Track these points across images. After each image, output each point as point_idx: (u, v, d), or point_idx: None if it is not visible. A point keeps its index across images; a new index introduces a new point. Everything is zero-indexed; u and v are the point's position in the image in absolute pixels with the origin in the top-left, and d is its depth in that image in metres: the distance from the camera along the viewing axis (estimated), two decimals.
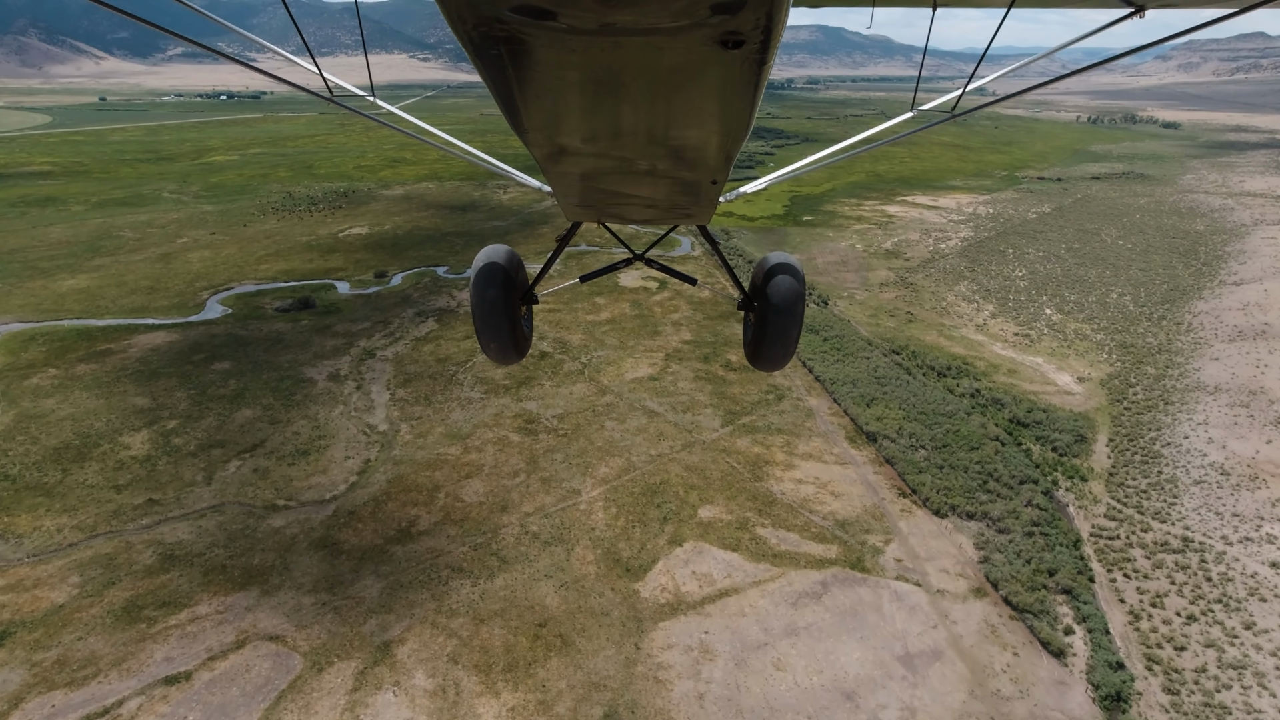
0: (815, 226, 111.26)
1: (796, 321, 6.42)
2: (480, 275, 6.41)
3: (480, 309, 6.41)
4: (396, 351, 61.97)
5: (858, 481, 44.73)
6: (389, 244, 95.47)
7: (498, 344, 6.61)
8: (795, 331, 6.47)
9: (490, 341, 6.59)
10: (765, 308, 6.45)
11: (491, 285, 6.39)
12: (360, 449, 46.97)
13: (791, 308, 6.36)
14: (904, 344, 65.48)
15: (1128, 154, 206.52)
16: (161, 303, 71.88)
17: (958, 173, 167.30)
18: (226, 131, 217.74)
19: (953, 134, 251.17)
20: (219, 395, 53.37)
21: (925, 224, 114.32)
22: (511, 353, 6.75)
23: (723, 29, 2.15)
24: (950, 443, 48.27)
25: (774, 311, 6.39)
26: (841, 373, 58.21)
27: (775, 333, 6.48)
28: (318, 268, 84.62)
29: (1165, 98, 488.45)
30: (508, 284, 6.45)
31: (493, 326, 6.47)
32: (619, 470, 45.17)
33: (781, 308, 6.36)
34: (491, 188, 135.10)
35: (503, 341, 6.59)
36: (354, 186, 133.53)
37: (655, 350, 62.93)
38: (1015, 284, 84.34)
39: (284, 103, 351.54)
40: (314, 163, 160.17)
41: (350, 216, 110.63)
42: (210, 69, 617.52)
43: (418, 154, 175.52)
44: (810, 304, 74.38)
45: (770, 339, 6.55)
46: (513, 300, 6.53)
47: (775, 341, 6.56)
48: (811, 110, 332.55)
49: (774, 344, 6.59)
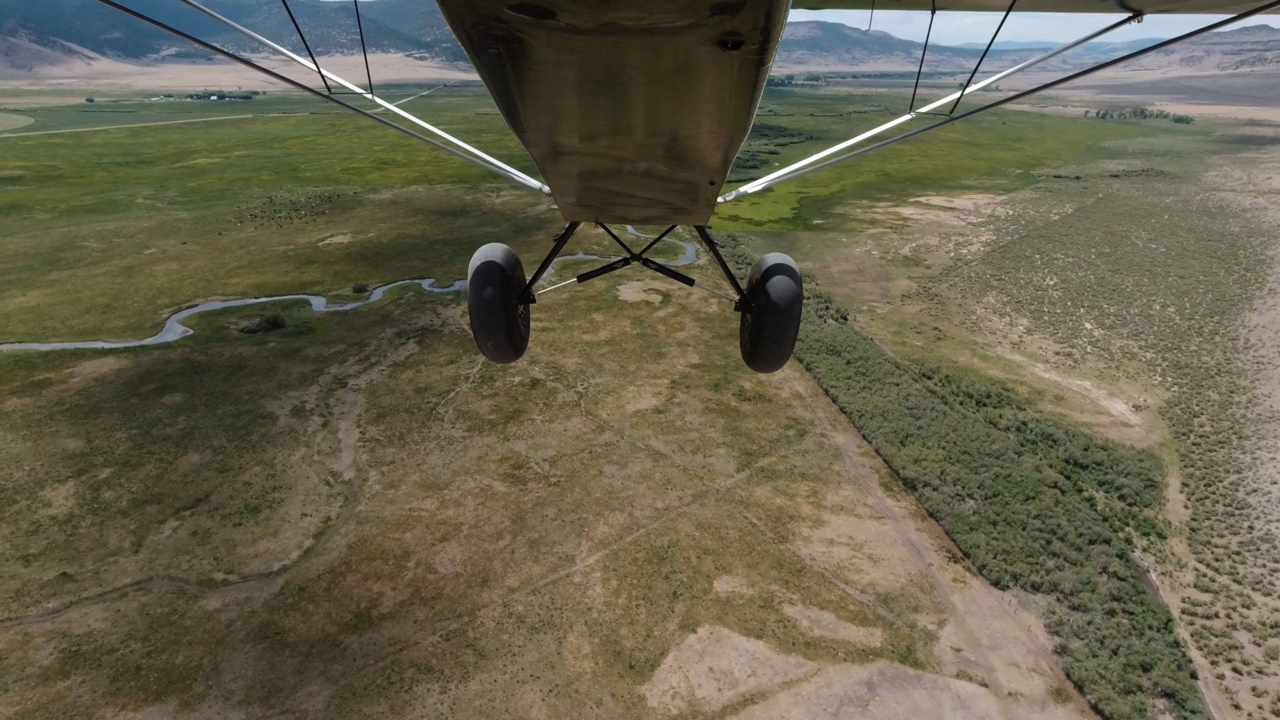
0: (827, 231, 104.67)
1: (794, 322, 6.36)
2: (477, 274, 6.27)
3: (477, 307, 6.29)
4: (371, 380, 55.49)
5: (899, 541, 38.27)
6: (371, 254, 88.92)
7: (494, 342, 6.51)
8: (792, 332, 6.42)
9: (487, 340, 6.51)
10: (762, 308, 6.40)
11: (489, 284, 6.26)
12: (320, 503, 40.51)
13: (789, 309, 6.28)
14: (935, 366, 58.99)
15: (1143, 150, 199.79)
16: (116, 323, 65.38)
17: (970, 171, 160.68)
18: (212, 133, 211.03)
19: (960, 130, 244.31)
20: (165, 435, 46.91)
21: (943, 227, 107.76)
22: (508, 351, 6.67)
23: (722, 29, 2.13)
24: (1001, 491, 41.81)
25: (771, 312, 6.32)
26: (870, 403, 51.73)
27: (772, 333, 6.42)
28: (292, 281, 78.10)
29: (1172, 92, 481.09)
30: (505, 283, 6.32)
31: (490, 325, 6.37)
32: (620, 529, 38.71)
33: (778, 308, 6.27)
34: (484, 191, 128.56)
35: (499, 340, 6.49)
36: (339, 190, 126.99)
37: (660, 376, 56.46)
38: (1048, 294, 77.83)
39: (276, 103, 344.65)
40: (300, 165, 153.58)
41: (333, 223, 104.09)
42: (204, 69, 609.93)
43: (408, 155, 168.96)
44: (829, 320, 68.01)
45: (767, 340, 6.49)
46: (510, 299, 6.37)
47: (772, 342, 6.48)
48: (814, 107, 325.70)
49: (770, 345, 6.52)
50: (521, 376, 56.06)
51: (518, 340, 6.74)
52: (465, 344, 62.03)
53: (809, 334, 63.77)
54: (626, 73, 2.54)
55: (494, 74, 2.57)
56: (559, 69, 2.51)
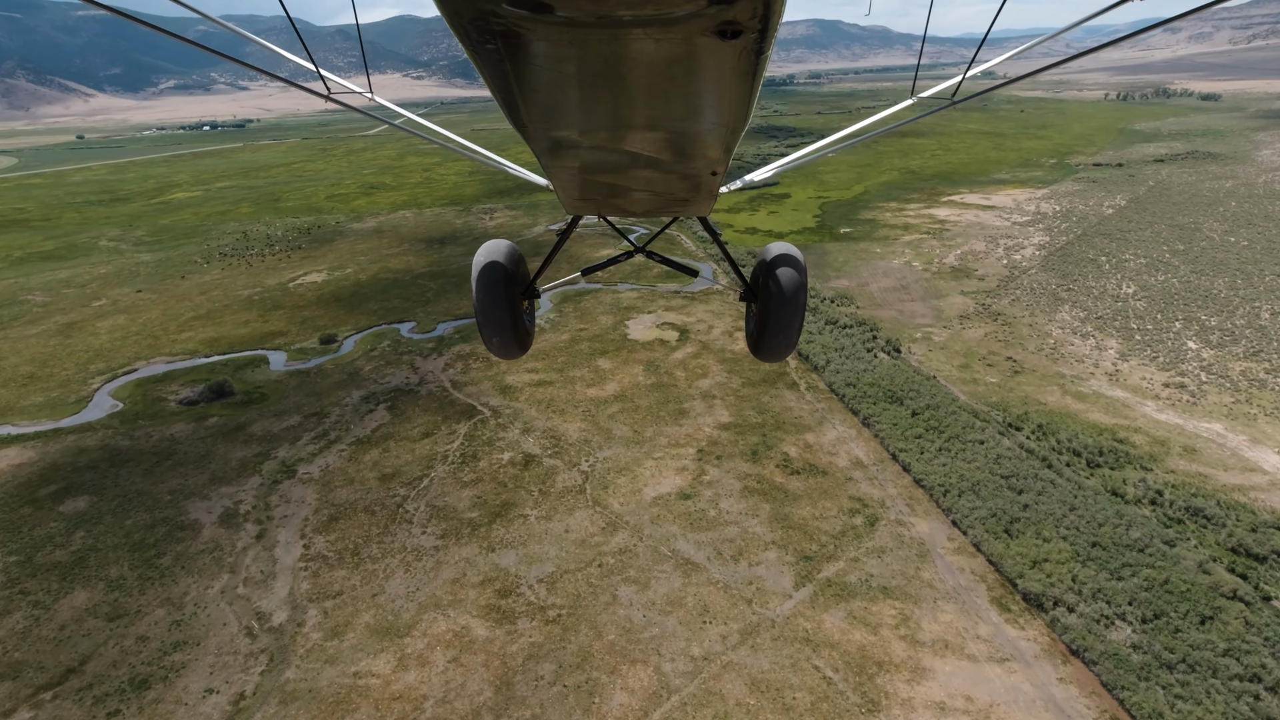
0: (858, 240, 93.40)
1: (799, 312, 6.27)
2: (482, 271, 6.18)
3: (483, 304, 6.20)
4: (326, 464, 44.94)
5: (1039, 703, 27.02)
6: (347, 294, 78.68)
7: (500, 339, 6.42)
8: (798, 323, 6.33)
9: (493, 336, 6.41)
10: (767, 299, 6.32)
11: (493, 281, 6.17)
12: (235, 669, 29.83)
13: (793, 298, 6.18)
14: (1021, 412, 47.68)
15: (1180, 130, 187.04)
16: (35, 398, 55.34)
17: (999, 163, 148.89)
18: (198, 165, 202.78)
19: (979, 120, 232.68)
20: (51, 564, 36.49)
21: (986, 229, 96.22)
22: (514, 347, 6.58)
23: (720, 19, 2.13)
24: (1164, 609, 30.46)
25: (776, 302, 6.23)
26: (952, 471, 40.52)
27: (777, 324, 6.31)
28: (252, 333, 67.92)
29: (1189, 69, 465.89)
30: (509, 279, 6.24)
31: (495, 321, 6.27)
32: (644, 697, 27.72)
33: (784, 299, 6.18)
34: (477, 214, 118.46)
35: (505, 336, 6.40)
36: (320, 221, 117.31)
37: (683, 443, 45.52)
38: (1130, 305, 66.23)
39: (269, 130, 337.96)
40: (283, 195, 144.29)
41: (308, 259, 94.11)
42: (201, 100, 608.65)
43: (398, 178, 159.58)
44: (879, 354, 56.85)
45: (772, 330, 6.37)
46: (514, 295, 6.31)
47: (778, 332, 6.37)
48: (820, 105, 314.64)
49: (776, 335, 6.40)
50: (513, 452, 45.31)
51: (523, 336, 6.60)
52: (445, 407, 51.44)
53: (859, 376, 52.64)
54: (625, 65, 2.52)
55: (493, 69, 2.56)
56: (558, 63, 2.50)
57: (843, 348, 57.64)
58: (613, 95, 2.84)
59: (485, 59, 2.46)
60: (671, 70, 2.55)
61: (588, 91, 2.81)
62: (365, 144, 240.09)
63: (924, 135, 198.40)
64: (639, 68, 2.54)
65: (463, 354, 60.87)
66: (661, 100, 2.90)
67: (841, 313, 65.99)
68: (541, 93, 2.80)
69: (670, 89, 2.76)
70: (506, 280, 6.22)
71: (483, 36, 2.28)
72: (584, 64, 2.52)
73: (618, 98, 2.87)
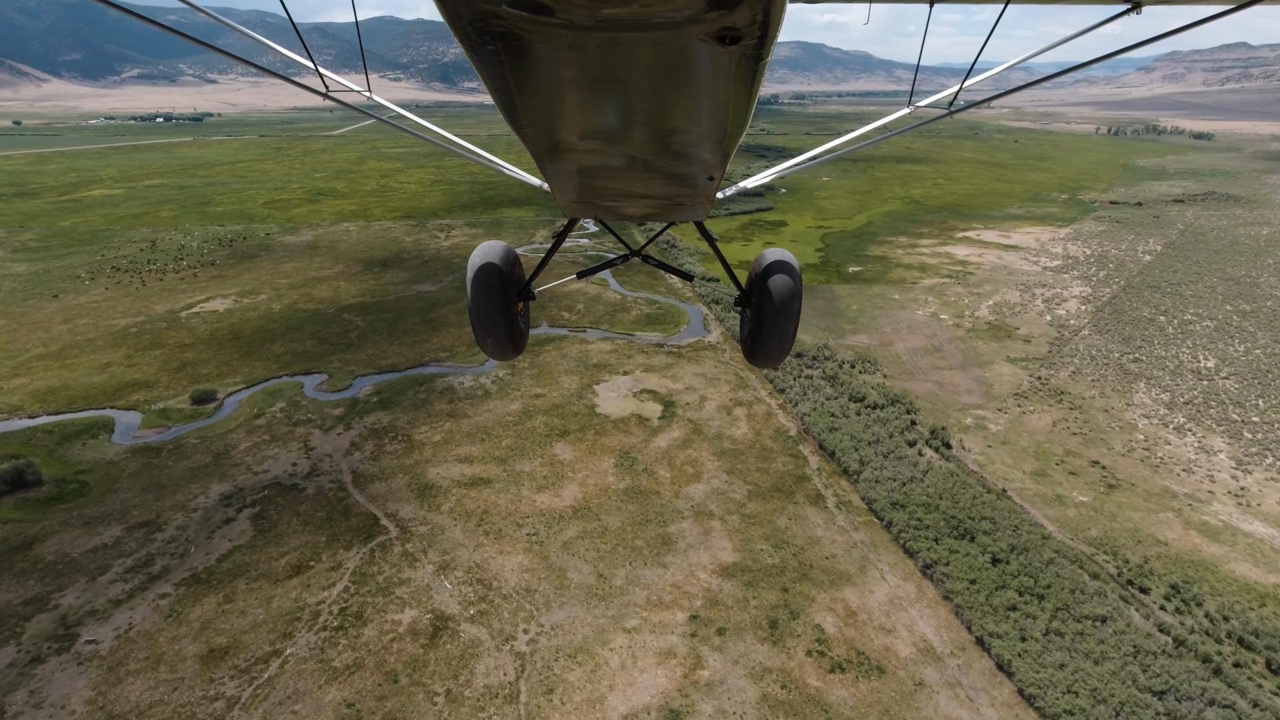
0: (870, 283, 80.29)
1: (793, 318, 6.27)
2: (477, 273, 6.09)
3: (477, 306, 6.12)
4: (129, 624, 29.70)
5: None
6: (250, 331, 63.17)
7: (494, 339, 6.32)
8: (792, 328, 6.33)
9: (487, 337, 6.32)
10: (762, 305, 6.32)
11: (488, 282, 6.09)
12: None
13: (788, 304, 6.20)
14: (1137, 557, 34.24)
15: (1186, 170, 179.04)
16: None
17: (1007, 196, 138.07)
18: (133, 159, 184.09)
19: (973, 148, 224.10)
20: None
21: (1015, 274, 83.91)
22: (509, 349, 6.47)
23: (719, 24, 2.11)
24: None
25: (771, 308, 6.23)
26: (1078, 678, 26.73)
27: (772, 329, 6.31)
28: (108, 383, 52.17)
29: (1169, 107, 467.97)
30: (504, 281, 6.14)
31: (489, 322, 6.19)
32: None
33: (778, 305, 6.19)
34: (431, 231, 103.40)
35: (499, 338, 6.30)
36: (249, 231, 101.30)
37: (668, 603, 31.15)
38: (1219, 385, 53.70)
39: (227, 125, 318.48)
40: (215, 198, 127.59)
41: (217, 279, 78.28)
42: (164, 91, 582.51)
43: (352, 184, 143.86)
44: (923, 449, 43.30)
45: (767, 335, 6.37)
46: (509, 297, 6.21)
47: (772, 338, 6.36)
48: (808, 125, 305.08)
49: (771, 340, 6.39)
50: (417, 610, 30.54)
51: (518, 337, 6.54)
52: (335, 519, 36.51)
53: (905, 489, 38.92)
54: (624, 68, 2.49)
55: (492, 70, 2.51)
56: (557, 65, 2.47)
57: (877, 439, 43.93)
58: (611, 99, 2.81)
59: (484, 60, 2.41)
60: (670, 75, 2.53)
61: (586, 94, 2.77)
62: (325, 145, 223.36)
63: (921, 162, 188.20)
64: (638, 72, 2.51)
65: (377, 428, 45.96)
66: (660, 105, 2.86)
67: (867, 385, 52.33)
68: (540, 95, 2.76)
69: (669, 93, 2.73)
70: (501, 282, 6.11)
71: (482, 38, 2.24)
72: (583, 67, 2.47)
73: (616, 101, 2.83)
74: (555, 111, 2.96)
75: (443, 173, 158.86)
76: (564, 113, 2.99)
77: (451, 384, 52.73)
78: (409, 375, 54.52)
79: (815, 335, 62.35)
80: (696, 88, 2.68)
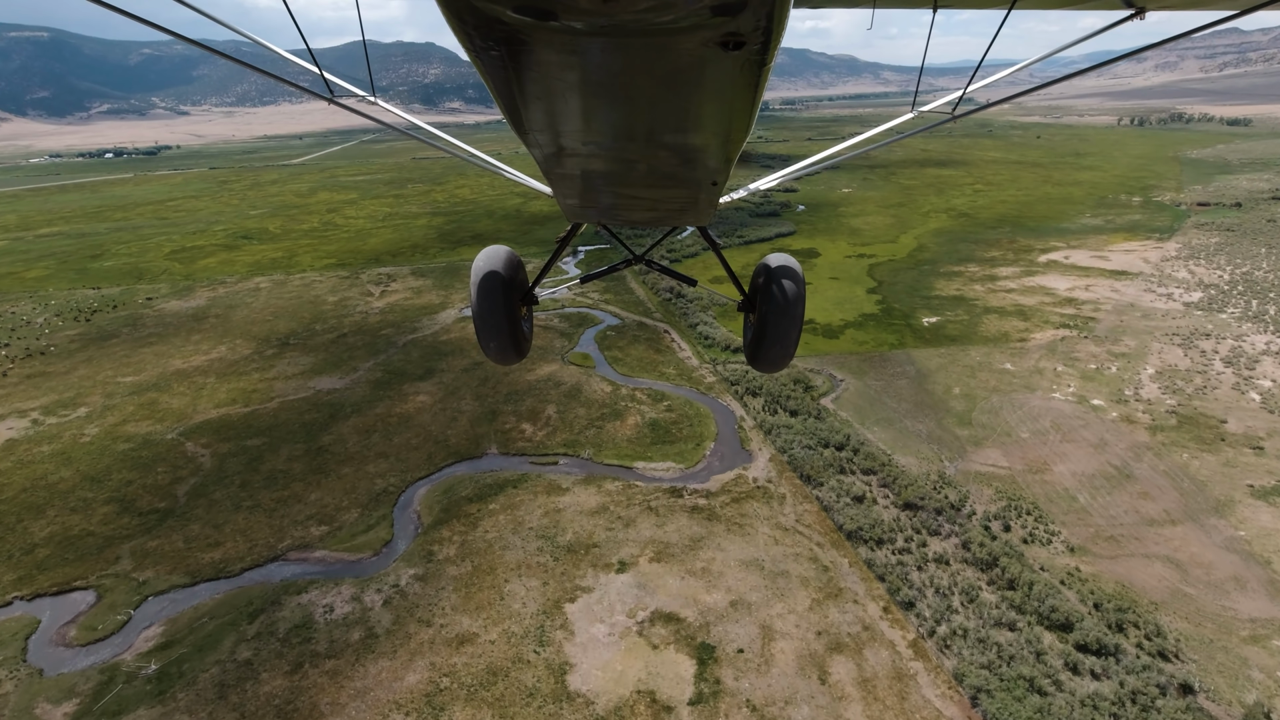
0: (960, 342, 56.97)
1: (796, 323, 6.20)
2: (481, 278, 6.02)
3: (480, 310, 6.03)
4: None
5: None
6: (14, 491, 39.67)
7: (497, 344, 6.20)
8: (795, 333, 6.24)
9: (490, 341, 6.19)
10: (765, 309, 6.27)
11: (492, 287, 6.01)
12: None
13: (791, 309, 6.14)
14: None
15: (1252, 160, 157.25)
16: None
17: (1069, 203, 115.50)
18: (48, 201, 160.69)
19: (996, 147, 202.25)
20: None
21: (1150, 316, 60.80)
22: (511, 353, 6.36)
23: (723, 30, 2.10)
24: None
25: (774, 313, 6.18)
26: None
27: (775, 334, 6.24)
28: None
29: (1177, 95, 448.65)
30: (507, 286, 6.08)
31: (492, 327, 6.09)
32: None
33: (781, 309, 6.14)
34: (364, 284, 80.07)
35: (502, 342, 6.20)
36: (127, 295, 77.99)
37: None
38: None
39: (182, 158, 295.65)
40: (112, 248, 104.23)
41: (31, 380, 54.78)
42: (132, 125, 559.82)
43: (290, 223, 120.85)
44: None
45: (770, 340, 6.30)
46: (512, 302, 6.13)
47: (775, 343, 6.29)
48: (810, 131, 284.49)
49: (774, 345, 6.31)
50: None
51: (521, 342, 6.42)
52: None
53: None
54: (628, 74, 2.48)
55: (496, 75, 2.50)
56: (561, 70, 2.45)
57: None
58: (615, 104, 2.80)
59: (488, 65, 2.40)
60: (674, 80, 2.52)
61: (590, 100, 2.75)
62: (278, 175, 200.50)
63: (947, 165, 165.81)
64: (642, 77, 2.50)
65: None
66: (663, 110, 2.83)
67: (1050, 577, 28.87)
68: (544, 99, 2.75)
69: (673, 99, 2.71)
70: (505, 287, 6.07)
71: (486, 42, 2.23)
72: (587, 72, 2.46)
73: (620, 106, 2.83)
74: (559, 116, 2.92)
75: (400, 204, 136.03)
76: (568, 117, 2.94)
77: (312, 612, 29.34)
78: (243, 587, 31.12)
79: (921, 455, 39.10)
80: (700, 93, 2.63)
